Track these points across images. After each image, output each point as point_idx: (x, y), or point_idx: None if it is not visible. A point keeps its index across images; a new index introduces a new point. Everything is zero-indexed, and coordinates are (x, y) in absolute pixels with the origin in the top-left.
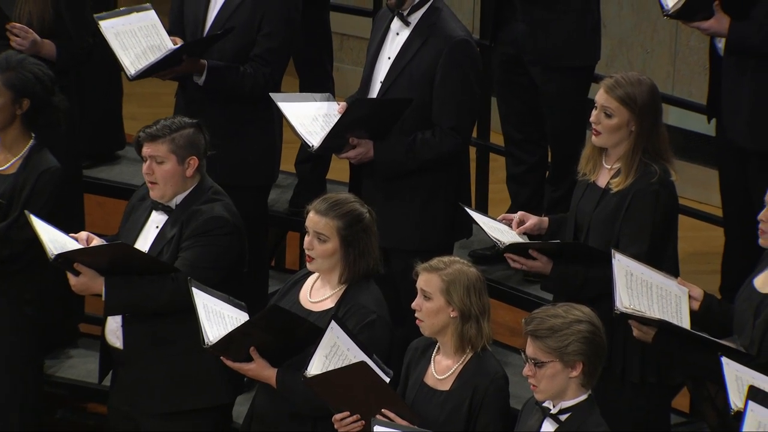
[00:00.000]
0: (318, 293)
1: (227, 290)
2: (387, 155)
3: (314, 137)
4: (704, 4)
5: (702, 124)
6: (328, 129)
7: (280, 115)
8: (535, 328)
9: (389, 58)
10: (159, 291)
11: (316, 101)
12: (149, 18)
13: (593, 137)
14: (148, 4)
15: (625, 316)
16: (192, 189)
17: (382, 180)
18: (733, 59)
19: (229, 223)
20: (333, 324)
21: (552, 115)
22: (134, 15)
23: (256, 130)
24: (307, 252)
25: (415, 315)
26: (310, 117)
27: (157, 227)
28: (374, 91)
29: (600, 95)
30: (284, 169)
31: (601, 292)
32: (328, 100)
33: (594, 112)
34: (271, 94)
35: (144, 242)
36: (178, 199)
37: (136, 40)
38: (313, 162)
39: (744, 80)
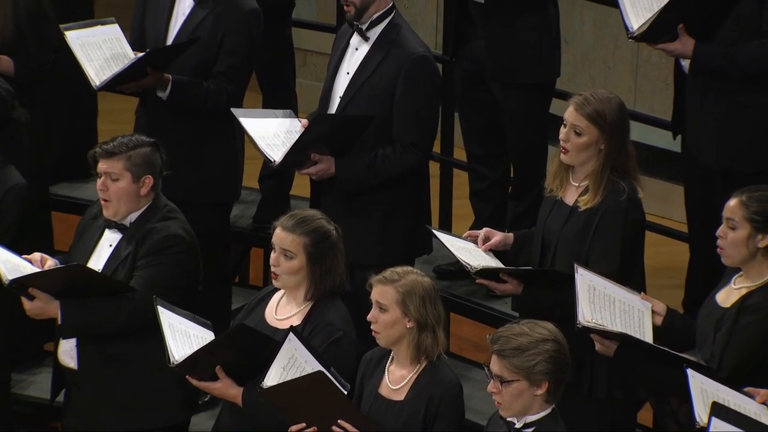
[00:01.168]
0: (284, 310)
1: (183, 308)
2: (348, 172)
3: (276, 152)
4: (669, 27)
5: (664, 140)
6: (289, 144)
7: (241, 131)
8: (501, 348)
9: (348, 73)
10: (115, 313)
11: (277, 117)
12: (113, 31)
13: (561, 155)
14: (111, 18)
15: (587, 330)
16: (146, 207)
17: (342, 196)
18: (698, 80)
19: (185, 241)
20: (291, 336)
21: (513, 131)
22: (99, 27)
23: (217, 146)
24: (273, 269)
25: (371, 327)
26: (272, 132)
27: (111, 246)
28: (333, 106)
29: (569, 113)
30: (247, 185)
31: (572, 313)
32: (289, 117)
33: (563, 130)
34: (233, 110)
35: (97, 261)
36: (132, 217)
37: (101, 52)
38: (277, 178)
39: (708, 100)
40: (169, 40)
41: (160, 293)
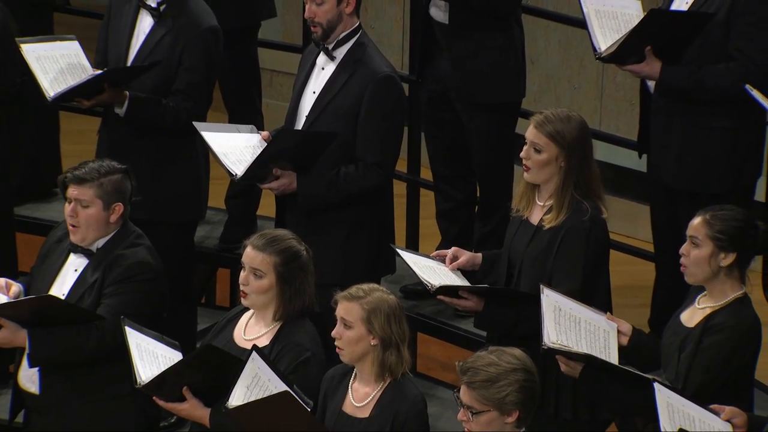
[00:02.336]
0: (252, 330)
1: None
2: (310, 188)
3: (237, 166)
4: (636, 49)
5: (629, 159)
6: (251, 158)
7: (205, 150)
8: (471, 380)
9: (314, 92)
10: (84, 342)
11: (239, 132)
12: (73, 48)
13: (524, 173)
14: (72, 36)
15: (552, 351)
16: (114, 233)
17: (305, 214)
18: (663, 101)
19: (153, 268)
20: (254, 355)
21: (479, 151)
22: (58, 43)
23: (180, 165)
24: (242, 287)
25: (335, 343)
26: (234, 147)
27: (76, 270)
28: (299, 125)
29: (529, 131)
30: (214, 205)
31: (535, 329)
32: (251, 132)
33: (524, 148)
34: (195, 123)
35: (62, 286)
36: (100, 242)
37: (57, 66)
38: (244, 198)
39: (673, 121)
40: (130, 59)
41: None
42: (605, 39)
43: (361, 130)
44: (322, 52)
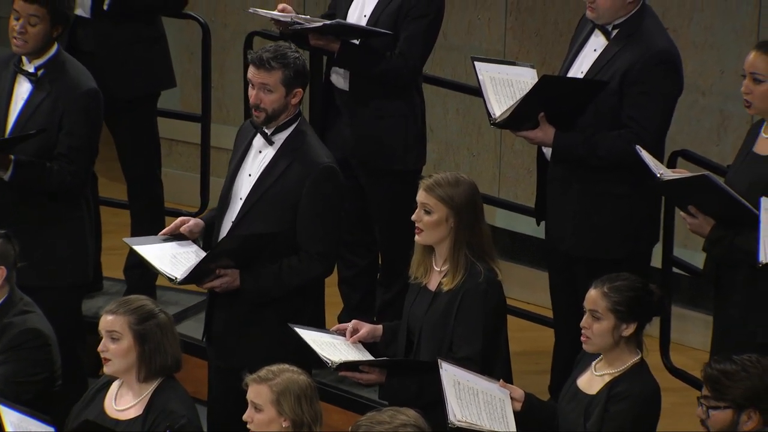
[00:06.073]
0: (123, 401)
1: (42, 405)
2: (254, 284)
3: (176, 270)
4: (530, 115)
5: (528, 226)
6: (187, 261)
7: (90, 215)
8: None
9: (250, 175)
10: None
11: (167, 242)
12: None
13: (416, 237)
14: None
15: (460, 429)
16: (2, 301)
17: (249, 306)
18: (560, 168)
19: (43, 336)
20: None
21: (380, 218)
22: None
23: (63, 228)
24: (102, 355)
25: (248, 427)
26: (168, 254)
27: None
28: (235, 208)
29: (420, 194)
30: (112, 275)
31: (436, 398)
32: (180, 239)
33: (416, 211)
34: (126, 240)
35: None
36: None
37: None
38: (142, 268)
39: (569, 188)
40: (10, 124)
41: (19, 390)
42: (500, 105)
43: (302, 220)
44: (259, 135)
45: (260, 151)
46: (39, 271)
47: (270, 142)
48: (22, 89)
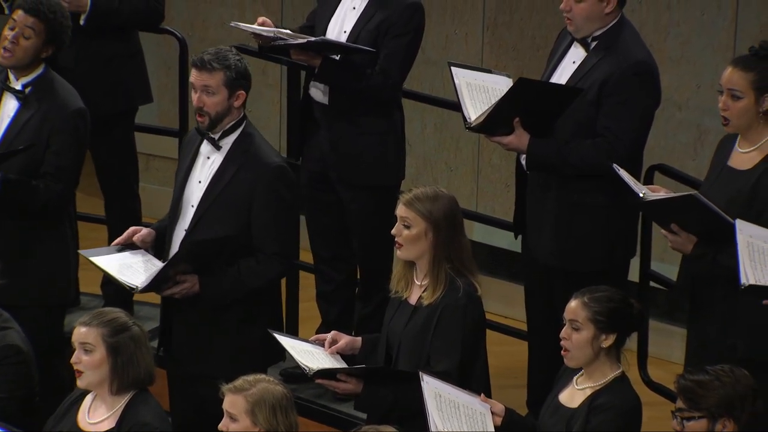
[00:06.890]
0: (96, 414)
1: (22, 419)
2: (213, 289)
3: (135, 280)
4: (505, 120)
5: (506, 240)
6: (147, 270)
7: (73, 233)
8: None
9: (200, 182)
10: None
11: (126, 252)
12: None
13: (397, 251)
14: None
15: None
16: None
17: (210, 311)
18: (537, 176)
19: (22, 352)
20: None
21: (359, 232)
22: None
23: (46, 248)
24: (75, 367)
25: None
26: (127, 263)
27: None
28: (187, 216)
29: (399, 208)
30: (89, 291)
31: (413, 410)
32: (135, 248)
33: (395, 225)
34: (82, 252)
35: None
36: None
37: None
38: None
39: (547, 197)
40: None
41: None
42: (476, 110)
43: (256, 222)
44: (205, 141)
45: (208, 157)
46: (21, 290)
47: (217, 147)
48: (9, 107)
